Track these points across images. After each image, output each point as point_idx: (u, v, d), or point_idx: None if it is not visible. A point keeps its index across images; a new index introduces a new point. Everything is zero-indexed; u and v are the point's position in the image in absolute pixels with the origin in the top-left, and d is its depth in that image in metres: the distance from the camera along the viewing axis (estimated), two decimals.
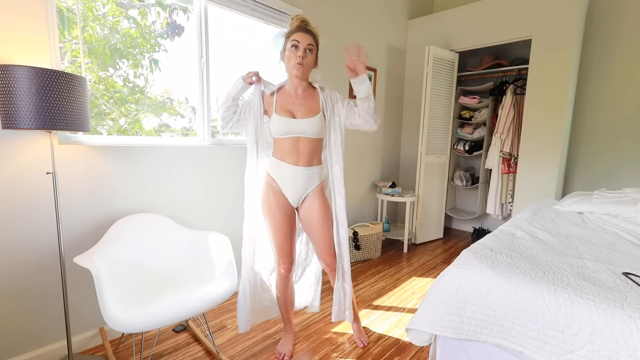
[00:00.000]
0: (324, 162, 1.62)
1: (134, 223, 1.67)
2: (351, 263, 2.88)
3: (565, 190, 3.26)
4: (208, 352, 1.68)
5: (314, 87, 1.57)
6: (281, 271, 1.61)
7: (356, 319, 1.80)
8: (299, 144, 1.51)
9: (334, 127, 1.54)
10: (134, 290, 1.47)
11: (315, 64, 1.54)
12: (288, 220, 1.58)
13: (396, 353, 1.71)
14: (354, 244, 2.89)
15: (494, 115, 3.51)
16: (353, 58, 1.43)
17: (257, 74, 1.51)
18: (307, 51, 1.46)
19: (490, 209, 3.47)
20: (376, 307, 2.16)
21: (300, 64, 1.45)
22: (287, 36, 1.48)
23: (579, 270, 1.18)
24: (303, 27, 1.47)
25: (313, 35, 1.48)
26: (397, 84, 3.70)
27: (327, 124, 1.54)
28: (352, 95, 3.11)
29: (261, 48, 2.48)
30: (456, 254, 3.15)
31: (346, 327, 1.91)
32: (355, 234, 2.89)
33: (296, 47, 1.45)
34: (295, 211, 1.63)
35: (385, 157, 3.70)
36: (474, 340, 1.17)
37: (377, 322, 1.99)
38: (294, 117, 1.50)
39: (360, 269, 2.77)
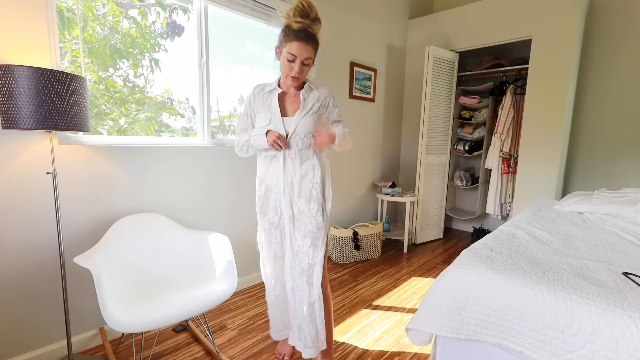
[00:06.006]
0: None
1: (134, 223, 1.67)
2: (351, 263, 2.89)
3: (565, 190, 3.26)
4: (208, 352, 1.68)
5: (307, 87, 1.47)
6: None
7: (328, 353, 1.57)
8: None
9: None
10: (134, 290, 1.47)
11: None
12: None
13: (396, 353, 1.71)
14: (354, 244, 2.89)
15: (494, 115, 3.51)
16: (320, 137, 1.38)
17: (284, 141, 1.38)
18: (304, 65, 1.33)
19: (490, 209, 3.47)
20: (376, 307, 2.16)
21: (295, 78, 1.36)
22: (285, 39, 1.31)
23: (579, 270, 1.18)
24: (303, 35, 1.29)
25: (313, 43, 1.32)
26: (397, 83, 3.70)
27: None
28: (351, 95, 3.12)
29: (261, 48, 2.47)
30: (456, 254, 3.15)
31: (346, 327, 1.92)
32: (355, 234, 2.89)
33: (292, 61, 1.32)
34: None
35: (385, 157, 3.70)
36: (474, 340, 1.17)
37: (377, 322, 1.99)
38: (286, 116, 1.44)
39: (360, 269, 2.77)
